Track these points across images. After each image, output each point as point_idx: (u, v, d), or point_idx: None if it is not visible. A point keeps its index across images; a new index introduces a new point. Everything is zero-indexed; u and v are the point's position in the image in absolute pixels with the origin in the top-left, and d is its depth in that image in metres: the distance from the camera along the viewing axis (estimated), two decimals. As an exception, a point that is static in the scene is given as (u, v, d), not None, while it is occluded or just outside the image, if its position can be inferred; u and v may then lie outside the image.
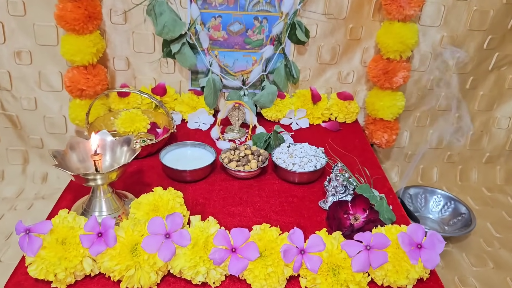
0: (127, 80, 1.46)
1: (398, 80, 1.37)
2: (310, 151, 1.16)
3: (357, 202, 0.98)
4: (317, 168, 1.12)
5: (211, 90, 1.41)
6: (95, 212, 0.94)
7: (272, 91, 1.42)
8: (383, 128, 1.46)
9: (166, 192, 0.94)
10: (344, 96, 1.47)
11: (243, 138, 1.36)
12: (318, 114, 1.46)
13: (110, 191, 0.96)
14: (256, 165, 1.11)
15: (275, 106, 1.44)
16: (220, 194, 1.08)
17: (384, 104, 1.41)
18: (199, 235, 0.82)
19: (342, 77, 1.49)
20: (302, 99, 1.45)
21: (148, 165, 1.19)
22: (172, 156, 1.17)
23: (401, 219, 1.02)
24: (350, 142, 1.37)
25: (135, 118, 1.29)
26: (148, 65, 1.43)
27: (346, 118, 1.48)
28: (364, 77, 1.49)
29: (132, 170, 1.16)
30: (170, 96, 1.44)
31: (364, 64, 1.46)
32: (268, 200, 1.07)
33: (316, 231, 0.86)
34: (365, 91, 1.51)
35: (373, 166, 1.23)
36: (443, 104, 1.55)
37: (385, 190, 1.13)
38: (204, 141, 1.31)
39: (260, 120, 1.45)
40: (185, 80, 1.46)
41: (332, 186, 1.05)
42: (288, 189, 1.11)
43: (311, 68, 1.47)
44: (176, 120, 1.42)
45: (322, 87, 1.50)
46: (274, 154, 1.17)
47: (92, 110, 1.34)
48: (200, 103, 1.43)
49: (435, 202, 1.50)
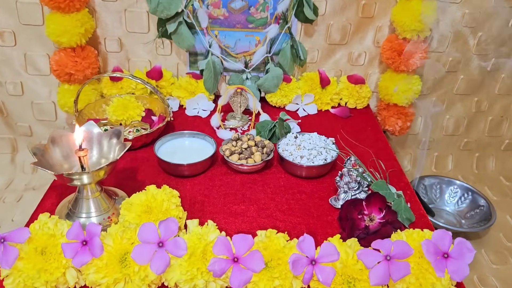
0: (120, 62, 1.35)
1: (415, 62, 1.25)
2: (320, 142, 1.05)
3: (372, 200, 0.88)
4: (328, 161, 1.01)
5: (211, 73, 1.30)
6: (82, 213, 0.85)
7: (277, 75, 1.31)
8: (397, 114, 1.35)
9: (160, 191, 0.84)
10: (355, 79, 1.36)
11: (246, 126, 1.25)
12: (327, 99, 1.35)
13: (98, 190, 0.86)
14: (261, 158, 1.01)
15: (280, 91, 1.33)
16: (220, 190, 0.99)
17: (399, 89, 1.30)
18: (197, 243, 0.72)
19: (353, 58, 1.37)
20: (309, 83, 1.34)
21: (142, 157, 1.09)
22: (168, 147, 1.07)
23: (421, 219, 0.92)
24: (361, 130, 1.27)
25: (128, 105, 1.18)
26: (142, 46, 1.32)
27: (357, 104, 1.37)
28: (377, 58, 1.37)
29: (125, 163, 1.06)
30: (167, 80, 1.33)
31: (377, 44, 1.35)
32: (273, 197, 0.97)
33: (328, 238, 0.77)
34: (377, 74, 1.40)
35: (387, 158, 1.13)
36: (461, 88, 1.44)
37: (402, 185, 1.03)
38: (203, 130, 1.21)
39: (264, 106, 1.34)
40: (183, 62, 1.35)
41: (344, 182, 0.95)
42: (296, 184, 1.02)
43: (320, 49, 1.35)
44: (173, 106, 1.31)
45: (331, 69, 1.39)
46: (280, 145, 1.07)
47: (82, 96, 1.24)
48: (199, 88, 1.32)
49: (451, 194, 1.40)
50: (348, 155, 0.97)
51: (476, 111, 1.49)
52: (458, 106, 1.49)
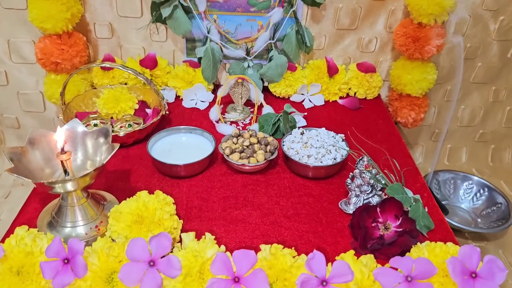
0: (111, 50, 1.25)
1: (431, 49, 1.15)
2: (328, 140, 0.96)
3: (387, 206, 0.80)
4: (337, 161, 0.93)
5: (210, 61, 1.20)
6: (66, 222, 0.76)
7: (281, 63, 1.21)
8: (410, 105, 1.26)
9: (152, 198, 0.76)
10: (365, 67, 1.26)
11: (248, 119, 1.16)
12: (335, 89, 1.25)
13: (84, 196, 0.78)
14: (264, 158, 0.92)
15: (284, 80, 1.23)
16: (220, 193, 0.90)
17: (413, 78, 1.20)
18: (193, 262, 0.64)
19: (363, 45, 1.27)
20: (316, 72, 1.24)
21: (135, 154, 1.01)
22: (163, 144, 0.99)
23: (440, 226, 0.84)
24: (372, 123, 1.17)
25: (120, 97, 1.09)
26: (135, 32, 1.22)
27: (367, 94, 1.28)
28: (389, 45, 1.27)
29: (115, 162, 0.98)
30: (162, 69, 1.23)
31: (389, 29, 1.24)
32: (278, 200, 0.89)
33: (341, 254, 0.69)
34: (389, 62, 1.30)
35: (401, 155, 1.04)
36: (479, 76, 1.34)
37: (418, 186, 0.95)
38: (201, 123, 1.12)
39: (267, 96, 1.25)
40: (179, 50, 1.25)
41: (356, 184, 0.86)
42: (302, 185, 0.93)
43: (327, 34, 1.25)
44: (169, 97, 1.22)
45: (340, 57, 1.29)
46: (285, 142, 0.98)
47: (71, 86, 1.15)
48: (197, 77, 1.22)
49: (466, 189, 1.32)
50: (360, 154, 0.88)
51: (494, 100, 1.40)
52: (474, 95, 1.39)
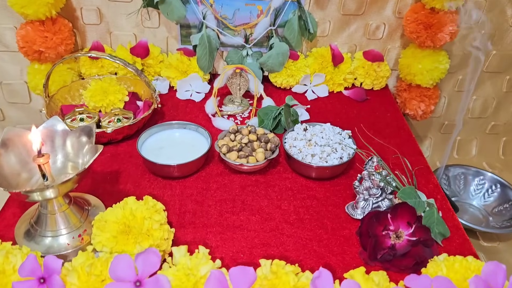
0: (100, 37, 1.16)
1: (444, 36, 1.07)
2: (334, 137, 0.89)
3: (399, 212, 0.73)
4: (344, 160, 0.85)
5: (206, 49, 1.11)
6: (46, 232, 0.69)
7: (283, 51, 1.12)
8: (419, 96, 1.18)
9: (141, 204, 0.69)
10: (373, 56, 1.17)
11: (246, 112, 1.08)
12: (340, 80, 1.17)
13: (66, 202, 0.71)
14: (264, 157, 0.85)
15: (286, 70, 1.15)
16: (216, 195, 0.83)
17: (423, 67, 1.12)
18: (184, 282, 0.57)
19: (370, 31, 1.18)
20: (320, 61, 1.16)
21: (124, 152, 0.93)
22: (154, 141, 0.91)
23: (456, 232, 0.77)
24: (380, 117, 1.10)
25: (109, 89, 1.01)
26: (125, 17, 1.13)
27: (374, 84, 1.20)
28: (398, 31, 1.19)
29: (103, 161, 0.90)
30: (154, 58, 1.14)
31: (398, 15, 1.15)
32: (279, 203, 0.82)
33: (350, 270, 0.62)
34: (397, 50, 1.21)
35: (412, 152, 0.97)
36: (492, 65, 1.26)
37: (430, 187, 0.88)
38: (197, 117, 1.05)
39: (268, 87, 1.17)
40: (173, 37, 1.17)
41: (364, 187, 0.79)
42: (305, 186, 0.86)
43: (332, 20, 1.16)
44: (162, 88, 1.14)
45: (345, 44, 1.20)
46: (287, 140, 0.90)
47: (56, 77, 1.07)
48: (192, 67, 1.14)
49: (477, 185, 1.25)
50: (368, 154, 0.81)
51: (507, 91, 1.32)
52: (487, 85, 1.31)
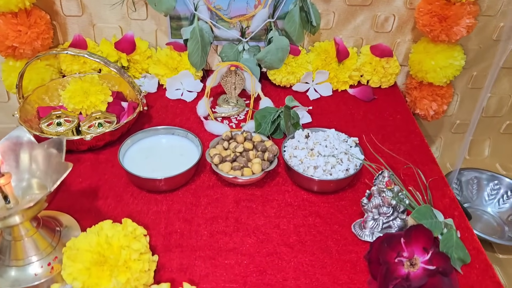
0: (82, 29, 1.06)
1: (460, 30, 0.97)
2: (339, 145, 0.79)
3: (413, 236, 0.64)
4: (350, 173, 0.76)
5: (198, 44, 1.01)
6: (11, 261, 0.61)
7: (282, 46, 1.02)
8: (431, 95, 1.08)
9: (118, 230, 0.60)
10: (381, 50, 1.07)
11: (242, 114, 0.99)
12: (345, 77, 1.07)
13: (34, 226, 0.62)
14: (261, 168, 0.76)
15: (286, 67, 1.05)
16: (207, 212, 0.74)
17: (437, 64, 1.02)
18: (164, 331, 0.49)
19: (378, 23, 1.08)
20: (323, 56, 1.06)
21: (106, 160, 0.84)
22: (138, 150, 0.82)
23: (477, 257, 0.68)
24: (389, 119, 1.00)
25: (90, 89, 0.91)
26: (109, 8, 1.03)
27: (382, 82, 1.10)
28: (409, 24, 1.08)
29: (81, 170, 0.81)
30: (142, 53, 1.04)
31: (410, 5, 1.05)
32: (277, 222, 0.73)
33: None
34: (408, 44, 1.11)
35: (425, 160, 0.88)
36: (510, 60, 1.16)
37: (446, 202, 0.79)
38: (188, 119, 0.96)
39: (266, 85, 1.07)
40: (162, 30, 1.06)
41: (373, 204, 0.70)
42: (307, 201, 0.77)
43: (336, 11, 1.06)
44: (150, 87, 1.04)
45: (350, 37, 1.10)
46: (286, 148, 0.81)
47: (33, 74, 0.97)
48: (183, 63, 1.04)
49: (492, 191, 1.16)
50: (378, 166, 0.72)
51: (525, 88, 1.22)
52: (503, 82, 1.21)
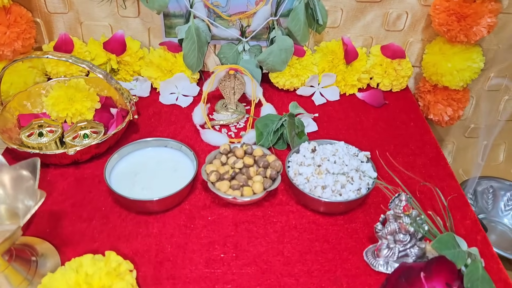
0: (69, 28, 0.98)
1: (481, 30, 0.89)
2: (350, 162, 0.71)
3: (435, 270, 0.57)
4: (362, 193, 0.68)
5: (194, 44, 0.93)
6: (-23, 299, 0.53)
7: (286, 46, 0.94)
8: (446, 100, 1.00)
9: (100, 266, 0.52)
10: (392, 51, 0.99)
11: (242, 121, 0.91)
12: (353, 80, 0.99)
13: (5, 259, 0.54)
14: (263, 187, 0.68)
15: (289, 69, 0.97)
16: (202, 237, 0.67)
17: (453, 67, 0.94)
18: None
19: (389, 21, 1.00)
20: (329, 58, 0.98)
21: (92, 175, 0.76)
22: (127, 165, 0.74)
23: None
24: (402, 128, 0.92)
25: (75, 95, 0.83)
26: (97, 4, 0.94)
27: (393, 85, 1.02)
28: (422, 21, 1.00)
29: (64, 188, 0.73)
30: (133, 54, 0.96)
31: (424, 2, 0.97)
32: (281, 248, 0.65)
33: None
34: (421, 43, 1.03)
35: (441, 174, 0.80)
36: (530, 60, 1.08)
37: (467, 224, 0.71)
38: (183, 128, 0.88)
39: (267, 89, 0.99)
40: (156, 28, 0.98)
41: (388, 231, 0.63)
42: (313, 223, 0.69)
43: (344, 8, 0.98)
44: (142, 91, 0.96)
45: (359, 37, 1.02)
46: (291, 164, 0.73)
47: (15, 78, 0.90)
48: (178, 65, 0.95)
49: (508, 201, 1.09)
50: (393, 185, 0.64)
51: (545, 90, 1.14)
52: (522, 84, 1.13)
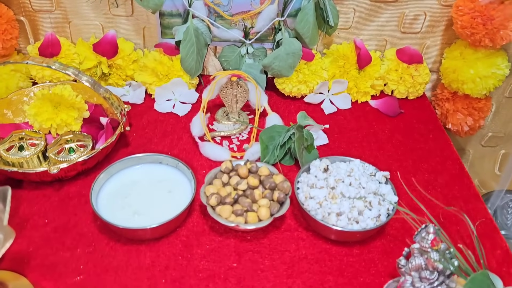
0: (56, 27, 0.90)
1: (509, 34, 0.81)
2: (368, 184, 0.63)
3: (469, 316, 0.49)
4: (382, 220, 0.61)
5: (193, 46, 0.85)
6: None
7: (294, 50, 0.86)
8: (467, 109, 0.92)
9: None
10: (409, 55, 0.91)
11: (245, 131, 0.83)
12: (366, 87, 0.91)
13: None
14: (269, 213, 0.60)
15: (297, 74, 0.88)
16: (201, 269, 0.59)
17: (476, 74, 0.86)
18: None
19: (405, 22, 0.91)
20: (341, 63, 0.89)
21: (78, 194, 0.68)
22: (117, 186, 0.66)
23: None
24: (420, 140, 0.84)
25: (61, 103, 0.75)
26: (87, 2, 0.86)
27: (409, 93, 0.93)
28: (441, 23, 0.92)
29: (46, 209, 0.65)
30: (126, 57, 0.88)
31: (444, 2, 0.88)
32: (290, 284, 0.58)
33: None
34: (439, 46, 0.95)
35: (466, 195, 0.72)
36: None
37: (498, 255, 0.63)
38: (180, 139, 0.80)
39: (272, 96, 0.91)
40: (151, 28, 0.90)
41: (413, 266, 0.55)
42: (326, 254, 0.62)
43: (357, 7, 0.90)
44: (136, 97, 0.88)
45: (372, 39, 0.94)
46: (301, 185, 0.65)
47: (-4, 82, 0.81)
48: (175, 69, 0.87)
49: (531, 217, 1.01)
50: (422, 220, 0.56)
51: None
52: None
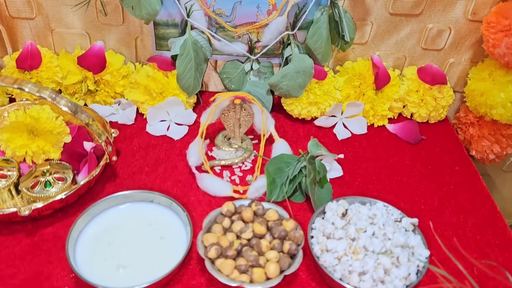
0: (38, 36, 0.80)
1: (547, 55, 0.72)
2: (394, 235, 0.54)
3: None
4: (412, 281, 0.51)
5: (191, 61, 0.75)
6: None
7: (305, 68, 0.76)
8: (494, 135, 0.83)
9: None
10: (432, 75, 0.81)
11: (249, 160, 0.73)
12: (384, 109, 0.81)
13: None
14: (279, 270, 0.51)
15: (307, 95, 0.79)
16: (197, 337, 0.49)
17: (508, 98, 0.76)
18: None
19: (428, 38, 0.82)
20: (356, 82, 0.80)
21: (53, 236, 0.58)
22: (99, 231, 0.56)
23: None
24: (445, 172, 0.74)
25: (37, 127, 0.64)
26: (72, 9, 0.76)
27: (431, 117, 0.84)
28: (467, 39, 0.82)
29: (15, 255, 0.56)
30: (114, 72, 0.78)
31: (472, 16, 0.79)
32: None
33: None
34: (463, 65, 0.86)
35: (502, 242, 0.63)
36: None
37: (547, 319, 0.54)
38: (175, 168, 0.70)
39: (279, 118, 0.82)
40: (144, 40, 0.80)
41: None
42: (344, 316, 0.52)
43: (375, 21, 0.80)
44: (125, 118, 0.78)
45: (390, 55, 0.85)
46: (315, 234, 0.56)
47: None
48: (170, 86, 0.77)
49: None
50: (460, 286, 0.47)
51: None
52: None
